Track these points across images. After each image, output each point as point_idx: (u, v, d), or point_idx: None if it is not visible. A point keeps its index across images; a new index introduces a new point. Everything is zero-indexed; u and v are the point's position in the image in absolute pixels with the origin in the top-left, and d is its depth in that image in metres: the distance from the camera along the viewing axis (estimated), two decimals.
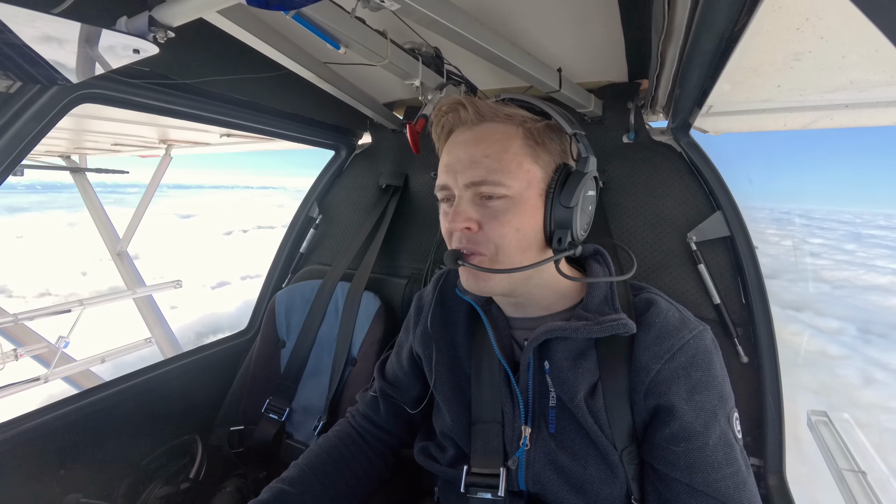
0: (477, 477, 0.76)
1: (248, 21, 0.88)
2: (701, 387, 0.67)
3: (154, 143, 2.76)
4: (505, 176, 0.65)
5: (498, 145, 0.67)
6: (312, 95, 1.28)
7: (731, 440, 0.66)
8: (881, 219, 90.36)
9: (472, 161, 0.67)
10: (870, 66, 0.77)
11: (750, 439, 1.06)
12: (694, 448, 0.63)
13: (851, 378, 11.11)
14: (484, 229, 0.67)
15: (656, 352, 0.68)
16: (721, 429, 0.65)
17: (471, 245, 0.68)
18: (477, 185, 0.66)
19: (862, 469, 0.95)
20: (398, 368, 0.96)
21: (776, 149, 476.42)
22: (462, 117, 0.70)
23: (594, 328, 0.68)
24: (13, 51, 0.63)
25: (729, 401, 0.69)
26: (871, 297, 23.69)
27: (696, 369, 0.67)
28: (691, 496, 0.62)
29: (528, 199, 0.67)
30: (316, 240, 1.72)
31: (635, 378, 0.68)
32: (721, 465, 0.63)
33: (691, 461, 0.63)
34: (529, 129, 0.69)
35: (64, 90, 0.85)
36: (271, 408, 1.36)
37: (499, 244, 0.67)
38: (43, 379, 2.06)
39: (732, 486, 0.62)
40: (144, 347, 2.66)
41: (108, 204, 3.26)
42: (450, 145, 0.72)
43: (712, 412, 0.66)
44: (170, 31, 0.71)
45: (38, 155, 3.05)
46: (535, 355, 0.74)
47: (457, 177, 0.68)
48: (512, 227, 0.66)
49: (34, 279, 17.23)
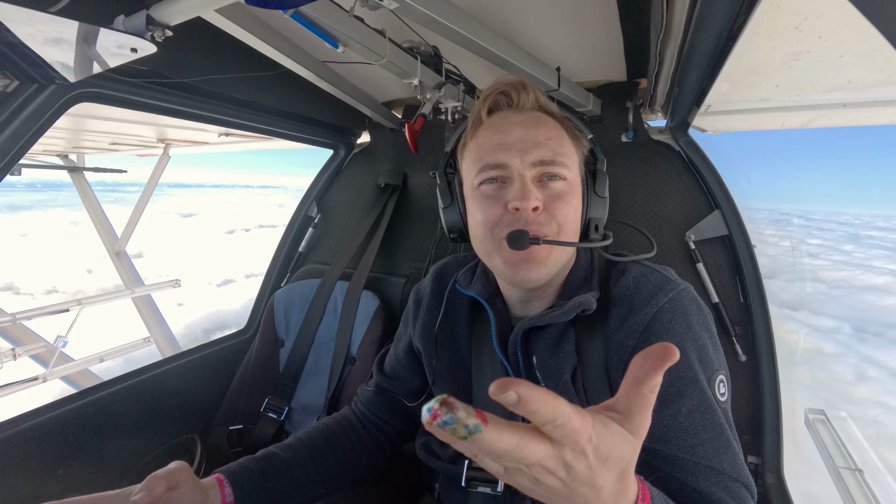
0: (477, 471, 0.76)
1: (247, 20, 0.88)
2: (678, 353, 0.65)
3: (152, 142, 2.75)
4: (567, 159, 0.69)
5: (555, 131, 0.70)
6: (311, 94, 1.28)
7: (711, 405, 0.62)
8: (880, 220, 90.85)
9: (535, 141, 0.67)
10: (868, 66, 0.77)
11: (748, 438, 1.07)
12: (666, 416, 0.61)
13: (846, 375, 11.41)
14: (548, 210, 0.66)
15: (630, 326, 0.67)
16: (699, 394, 0.62)
17: (535, 227, 0.65)
18: (546, 164, 0.67)
19: (859, 467, 0.95)
20: (396, 362, 0.96)
21: (775, 148, 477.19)
22: (518, 99, 0.71)
23: (558, 312, 0.69)
24: (10, 49, 0.63)
25: (713, 363, 0.66)
26: (867, 296, 23.88)
27: (672, 335, 0.65)
28: (663, 462, 0.60)
29: (578, 186, 0.71)
30: (315, 239, 1.72)
31: (614, 356, 0.67)
32: (697, 430, 0.60)
33: (664, 429, 0.60)
34: (567, 125, 0.73)
35: (61, 89, 0.85)
36: (270, 407, 1.36)
37: (562, 223, 0.67)
38: (41, 378, 2.06)
39: (711, 451, 0.59)
40: (143, 347, 2.65)
41: (107, 203, 3.25)
42: (499, 124, 0.70)
43: (690, 378, 0.63)
44: (168, 29, 0.71)
45: (35, 154, 3.04)
46: (524, 350, 0.75)
47: (522, 155, 0.66)
48: (573, 208, 0.69)
49: (40, 277, 17.22)
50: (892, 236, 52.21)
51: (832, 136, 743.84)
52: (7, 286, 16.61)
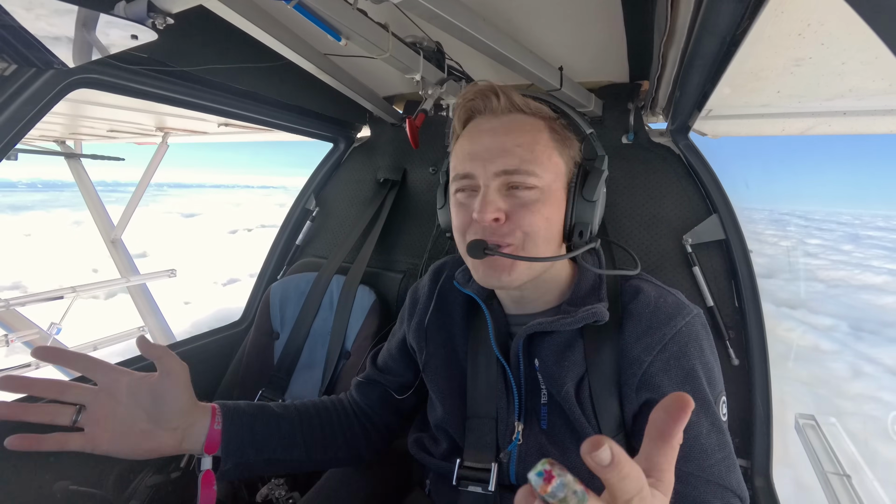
0: (469, 471, 0.76)
1: (249, 9, 0.87)
2: (693, 375, 0.66)
3: (151, 130, 2.73)
4: (538, 166, 0.66)
5: (529, 136, 0.67)
6: (312, 87, 1.27)
7: (721, 425, 0.66)
8: (880, 220, 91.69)
9: (503, 150, 0.66)
10: (869, 74, 0.77)
11: (738, 441, 1.07)
12: (689, 438, 0.63)
13: (841, 371, 11.56)
14: (512, 219, 0.66)
15: (647, 343, 0.68)
16: (712, 415, 0.65)
17: (496, 237, 0.66)
18: (509, 174, 0.66)
19: (847, 472, 0.96)
20: (389, 357, 0.96)
21: (774, 153, 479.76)
22: (490, 105, 0.70)
23: (569, 319, 0.69)
24: (9, 33, 0.63)
25: (718, 384, 0.69)
26: (865, 296, 24.08)
27: (687, 359, 0.67)
28: (682, 482, 0.62)
29: (555, 192, 0.68)
30: (312, 232, 1.72)
31: (627, 370, 0.68)
32: (714, 450, 0.64)
33: (686, 450, 0.63)
34: (552, 125, 0.70)
35: (60, 74, 0.84)
36: (264, 399, 1.35)
37: (528, 232, 0.66)
38: (34, 365, 2.05)
39: (724, 470, 0.63)
40: (137, 336, 2.64)
41: (109, 203, 3.23)
42: (472, 133, 0.70)
43: (704, 399, 0.66)
44: (169, 17, 0.70)
45: (32, 139, 3.02)
46: (525, 352, 0.74)
47: (486, 165, 0.66)
48: (542, 217, 0.67)
49: (46, 275, 17.13)
50: (891, 236, 52.57)
51: (830, 141, 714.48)
52: (14, 285, 16.57)
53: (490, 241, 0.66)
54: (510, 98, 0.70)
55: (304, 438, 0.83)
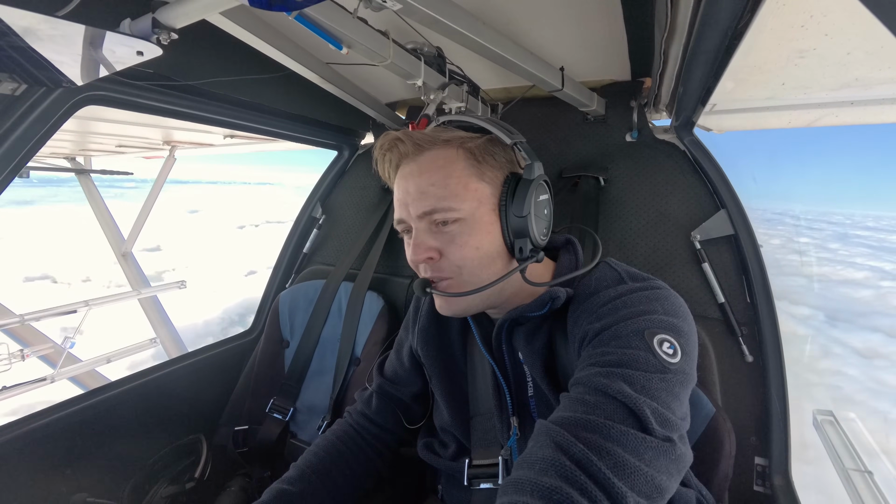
0: (478, 468, 0.79)
1: (251, 22, 0.88)
2: (625, 310, 0.62)
3: (158, 144, 2.78)
4: (453, 200, 0.66)
5: (441, 171, 0.67)
6: (315, 96, 1.29)
7: (651, 359, 0.57)
8: (870, 220, 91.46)
9: (419, 192, 0.68)
10: (875, 63, 0.76)
11: (755, 439, 1.06)
12: (617, 347, 0.58)
13: (813, 352, 13.60)
14: (445, 254, 0.68)
15: (586, 308, 0.66)
16: (646, 346, 0.58)
17: (436, 273, 0.69)
18: (429, 214, 0.67)
19: (868, 469, 0.94)
20: (398, 366, 0.97)
21: (780, 146, 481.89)
22: (403, 151, 0.70)
23: (532, 304, 0.70)
24: (18, 53, 0.64)
25: (659, 325, 0.60)
26: (844, 289, 25.36)
27: (626, 305, 0.63)
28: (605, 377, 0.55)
29: (481, 217, 0.68)
30: (319, 240, 1.73)
31: (581, 342, 0.65)
32: (652, 370, 0.56)
33: (618, 358, 0.57)
34: (469, 148, 0.69)
35: (69, 92, 0.86)
36: (275, 407, 1.36)
37: (461, 265, 0.68)
38: (49, 379, 2.08)
39: (663, 390, 0.55)
40: (150, 348, 2.67)
41: (109, 198, 3.29)
42: (398, 180, 0.72)
43: (638, 331, 0.59)
44: (173, 32, 0.72)
45: (43, 157, 3.08)
46: (508, 347, 0.76)
47: (409, 209, 0.69)
48: (471, 247, 0.67)
49: (74, 267, 17.33)
50: (879, 235, 52.68)
51: (838, 131, 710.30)
52: (44, 275, 16.81)
53: (431, 277, 0.70)
54: (414, 140, 0.70)
55: (331, 496, 0.84)
